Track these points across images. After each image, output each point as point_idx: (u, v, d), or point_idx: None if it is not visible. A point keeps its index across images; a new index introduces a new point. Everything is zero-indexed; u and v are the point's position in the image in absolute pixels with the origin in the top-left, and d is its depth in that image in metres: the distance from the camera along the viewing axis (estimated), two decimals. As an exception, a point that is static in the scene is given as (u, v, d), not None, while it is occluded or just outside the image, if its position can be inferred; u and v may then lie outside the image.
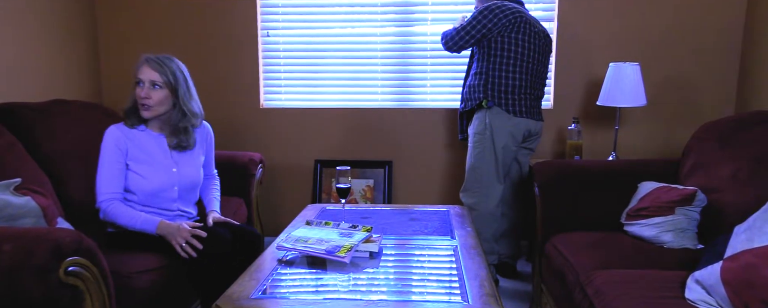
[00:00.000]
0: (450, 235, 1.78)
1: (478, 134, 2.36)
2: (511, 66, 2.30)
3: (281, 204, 2.98)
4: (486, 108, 2.33)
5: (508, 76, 2.31)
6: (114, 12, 2.86)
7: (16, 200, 1.30)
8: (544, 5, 2.78)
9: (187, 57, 2.89)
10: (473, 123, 2.39)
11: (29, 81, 2.36)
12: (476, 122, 2.37)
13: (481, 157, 2.36)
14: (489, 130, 2.33)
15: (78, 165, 2.02)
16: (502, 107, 2.31)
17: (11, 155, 1.72)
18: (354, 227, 1.68)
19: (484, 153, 2.36)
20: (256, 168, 2.49)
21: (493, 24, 2.27)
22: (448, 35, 2.37)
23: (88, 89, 2.79)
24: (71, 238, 1.19)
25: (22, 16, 2.32)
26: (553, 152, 2.87)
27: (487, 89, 2.32)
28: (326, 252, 1.47)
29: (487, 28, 2.27)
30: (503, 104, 2.31)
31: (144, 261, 1.57)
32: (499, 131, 2.33)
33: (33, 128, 1.94)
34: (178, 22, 2.86)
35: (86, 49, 2.79)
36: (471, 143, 2.40)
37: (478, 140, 2.36)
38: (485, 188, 2.38)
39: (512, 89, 2.32)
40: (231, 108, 2.92)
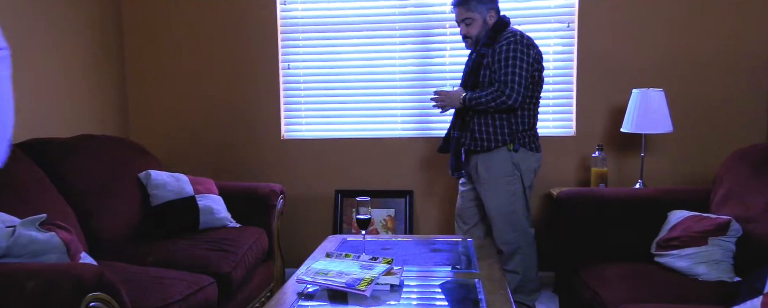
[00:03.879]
0: (473, 267, 1.74)
1: (506, 177, 2.18)
2: (534, 101, 2.20)
3: (302, 235, 2.97)
4: (512, 150, 2.19)
5: (531, 114, 2.21)
6: (141, 48, 2.96)
7: (41, 236, 1.32)
8: (564, 32, 2.77)
9: (211, 90, 2.96)
10: (491, 165, 2.19)
11: (57, 116, 2.44)
12: (498, 164, 2.18)
13: (514, 201, 2.20)
14: (517, 171, 2.19)
15: (104, 199, 2.06)
16: (527, 146, 2.19)
17: (38, 190, 1.76)
18: (374, 259, 1.65)
19: (516, 196, 2.21)
20: (276, 199, 2.50)
21: (533, 59, 2.12)
22: (492, 94, 2.09)
23: (114, 124, 2.87)
24: (93, 273, 1.20)
25: (50, 53, 2.41)
26: (577, 180, 2.81)
27: (514, 132, 2.16)
28: (346, 285, 1.45)
29: (531, 63, 2.11)
30: (527, 142, 2.19)
31: (163, 295, 1.56)
32: (526, 171, 2.20)
33: (60, 162, 1.99)
34: (202, 57, 2.93)
35: (114, 84, 2.88)
36: (494, 186, 2.20)
37: (508, 183, 2.19)
38: (523, 232, 2.25)
39: (533, 125, 2.23)
40: (252, 139, 2.96)
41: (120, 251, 1.96)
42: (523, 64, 2.08)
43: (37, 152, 1.95)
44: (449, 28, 2.82)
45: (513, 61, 2.07)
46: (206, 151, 2.98)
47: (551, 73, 2.81)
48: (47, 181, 1.85)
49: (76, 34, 2.56)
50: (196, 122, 2.97)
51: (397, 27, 2.85)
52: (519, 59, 2.07)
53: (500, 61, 2.10)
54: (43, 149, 1.98)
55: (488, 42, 2.16)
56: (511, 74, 2.07)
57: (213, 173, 2.93)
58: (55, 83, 2.42)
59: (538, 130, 2.81)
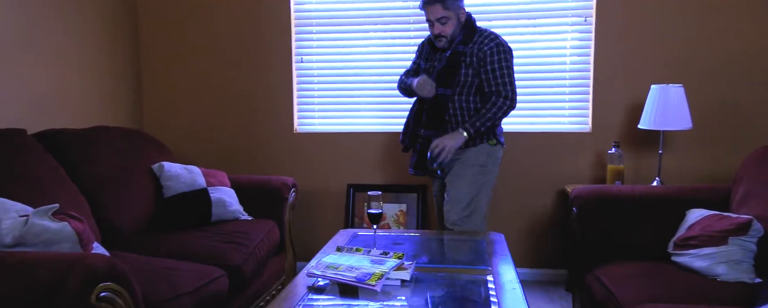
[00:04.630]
0: (485, 263, 1.71)
1: (480, 167, 2.22)
2: None
3: (314, 229, 2.97)
4: (492, 145, 2.24)
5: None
6: (156, 42, 2.97)
7: (53, 225, 1.32)
8: (582, 26, 2.72)
9: (225, 83, 2.97)
10: (467, 157, 2.21)
11: (73, 108, 2.46)
12: (474, 157, 2.21)
13: (483, 189, 2.23)
14: (491, 162, 2.25)
15: (117, 190, 2.07)
16: (499, 141, 2.28)
17: (53, 180, 1.77)
18: (385, 254, 1.64)
19: (486, 186, 2.24)
20: (288, 192, 2.50)
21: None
22: (497, 107, 2.15)
23: (129, 116, 2.89)
24: (104, 263, 1.20)
25: (67, 44, 2.43)
26: (592, 177, 2.76)
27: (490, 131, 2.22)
28: (356, 280, 1.44)
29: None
30: (501, 137, 2.29)
31: (174, 286, 1.56)
32: (496, 164, 2.28)
33: (75, 153, 2.01)
34: (217, 50, 2.94)
35: (129, 77, 2.89)
36: (464, 176, 2.21)
37: (480, 172, 2.22)
38: (479, 221, 2.25)
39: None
40: (265, 132, 2.96)
41: (132, 242, 1.97)
42: (512, 68, 2.18)
43: (53, 142, 1.97)
44: (464, 22, 2.78)
45: (507, 70, 2.16)
46: (219, 143, 2.99)
47: (567, 68, 2.76)
48: (62, 171, 1.87)
49: (92, 28, 2.58)
50: (209, 114, 2.98)
51: (412, 21, 2.83)
52: (510, 64, 2.17)
53: (495, 70, 2.15)
54: (58, 140, 1.99)
55: (464, 40, 2.16)
56: (510, 84, 2.16)
57: (226, 166, 2.94)
58: (70, 75, 2.44)
59: (553, 125, 2.80)
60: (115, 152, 2.18)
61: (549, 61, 2.77)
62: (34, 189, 1.66)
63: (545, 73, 2.78)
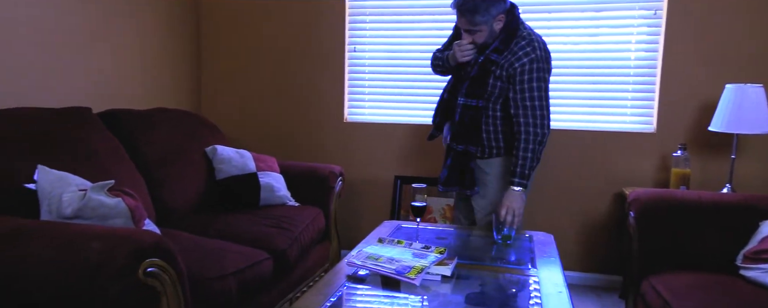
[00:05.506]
0: (531, 264, 1.65)
1: (505, 177, 2.02)
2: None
3: (359, 218, 2.97)
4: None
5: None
6: (215, 30, 3.06)
7: (109, 201, 1.38)
8: (650, 20, 2.55)
9: (278, 70, 3.01)
10: (493, 168, 2.05)
11: (136, 89, 2.57)
12: (501, 166, 2.04)
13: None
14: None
15: (172, 170, 2.15)
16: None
17: (113, 158, 1.86)
18: (427, 248, 1.61)
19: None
20: (335, 181, 2.51)
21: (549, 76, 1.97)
22: (532, 146, 1.92)
23: (188, 99, 2.99)
24: (151, 239, 1.24)
25: (134, 32, 2.54)
26: (655, 180, 2.60)
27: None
28: (396, 272, 1.42)
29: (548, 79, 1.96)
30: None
31: (220, 266, 1.60)
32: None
33: (135, 133, 2.10)
34: (272, 38, 2.98)
35: (189, 62, 3.00)
36: (492, 186, 2.05)
37: (506, 184, 2.00)
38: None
39: None
40: (315, 120, 2.99)
41: (184, 220, 2.04)
42: (546, 90, 1.93)
43: (115, 121, 2.06)
44: (522, 14, 2.67)
45: (538, 91, 1.90)
46: (271, 129, 3.05)
47: (632, 64, 2.61)
48: (122, 150, 1.96)
49: (157, 18, 2.68)
50: (262, 100, 3.04)
51: (468, 11, 2.75)
52: (542, 85, 1.91)
53: (523, 91, 1.90)
54: (120, 119, 2.09)
55: (499, 48, 1.92)
56: (539, 108, 1.91)
57: (276, 152, 3.00)
58: (136, 60, 2.55)
59: (614, 124, 2.65)
60: (172, 134, 2.26)
61: (612, 56, 2.62)
62: (95, 165, 1.74)
63: (607, 69, 2.63)
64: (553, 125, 2.68)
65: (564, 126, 2.70)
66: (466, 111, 1.97)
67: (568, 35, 2.66)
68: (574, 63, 2.66)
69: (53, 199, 1.39)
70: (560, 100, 2.70)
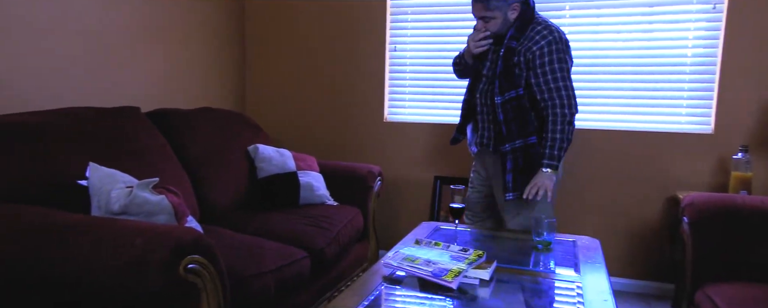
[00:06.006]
0: (575, 269, 1.58)
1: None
2: None
3: (398, 218, 2.96)
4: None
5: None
6: (260, 31, 3.11)
7: (153, 198, 1.43)
8: (710, 14, 2.41)
9: (320, 71, 3.04)
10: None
11: (184, 90, 2.66)
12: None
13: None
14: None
15: (215, 169, 2.20)
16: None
17: (160, 156, 1.92)
18: (465, 250, 1.57)
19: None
20: (374, 180, 2.50)
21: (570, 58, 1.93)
22: (561, 127, 1.89)
23: (233, 99, 3.06)
24: (192, 237, 1.26)
25: (181, 34, 2.62)
26: (712, 184, 2.45)
27: (537, 128, 1.96)
28: (432, 275, 1.39)
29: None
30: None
31: (258, 263, 1.62)
32: None
33: (181, 132, 2.16)
34: (315, 39, 3.01)
35: (235, 62, 3.07)
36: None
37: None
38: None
39: None
40: (355, 120, 2.99)
41: (226, 218, 2.08)
42: (568, 69, 1.90)
43: (162, 120, 2.13)
44: (569, 10, 2.59)
45: (560, 72, 1.88)
46: (311, 128, 3.08)
47: (688, 62, 2.47)
48: (168, 148, 2.02)
49: (204, 20, 2.76)
50: (304, 100, 3.08)
51: (511, 8, 2.68)
52: (564, 65, 1.88)
53: (545, 73, 1.88)
54: (166, 119, 2.16)
55: (516, 35, 1.91)
56: (564, 89, 1.88)
57: (316, 151, 3.03)
58: (183, 60, 2.63)
59: (667, 125, 2.52)
60: (216, 133, 2.31)
61: (667, 53, 2.49)
62: (142, 163, 1.81)
63: (661, 67, 2.50)
64: (602, 126, 2.59)
65: (613, 127, 2.59)
66: (507, 105, 1.92)
67: (618, 32, 2.54)
68: (626, 61, 2.55)
69: (102, 195, 1.44)
70: (610, 99, 2.59)
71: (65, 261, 1.22)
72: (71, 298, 1.25)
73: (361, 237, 2.43)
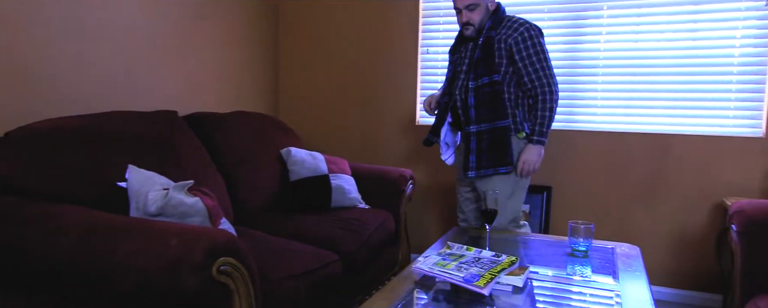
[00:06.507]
0: (613, 277, 1.52)
1: (512, 165, 2.09)
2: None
3: (430, 222, 2.93)
4: (521, 138, 2.10)
5: (529, 103, 2.13)
6: (293, 35, 3.16)
7: (188, 200, 1.46)
8: (759, 12, 2.29)
9: (351, 74, 3.05)
10: (513, 152, 2.08)
11: (218, 93, 2.71)
12: (514, 151, 2.09)
13: (518, 187, 2.12)
14: (516, 158, 2.11)
15: (248, 171, 2.23)
16: (527, 132, 2.11)
17: (195, 159, 1.96)
18: (498, 256, 1.54)
19: (520, 183, 2.13)
20: (406, 184, 2.49)
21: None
22: (546, 105, 2.04)
23: (266, 104, 3.11)
24: (225, 239, 1.28)
25: (217, 39, 2.68)
26: (763, 190, 2.33)
27: (522, 120, 2.09)
28: (464, 281, 1.37)
29: None
30: (527, 128, 2.12)
31: (289, 266, 1.63)
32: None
33: (216, 135, 2.20)
34: (346, 44, 3.03)
35: (268, 67, 3.12)
36: (501, 175, 2.09)
37: (510, 170, 2.09)
38: (515, 220, 2.16)
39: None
40: (387, 123, 2.99)
41: (259, 220, 2.11)
42: (546, 53, 2.05)
43: (198, 124, 2.18)
44: (607, 10, 2.51)
45: (538, 56, 2.02)
46: (343, 131, 3.09)
47: (736, 62, 2.36)
48: (204, 151, 2.06)
49: (239, 25, 2.82)
50: (336, 103, 3.09)
51: (546, 10, 2.63)
52: (542, 50, 2.03)
53: (525, 59, 2.02)
54: (202, 122, 2.21)
55: (493, 26, 2.06)
56: (546, 76, 2.03)
57: (348, 154, 3.04)
58: (218, 65, 2.69)
59: (714, 128, 2.41)
60: (249, 136, 2.35)
61: (713, 53, 2.38)
62: (179, 165, 1.85)
63: (707, 68, 2.40)
64: (643, 129, 2.51)
65: (655, 130, 2.50)
66: (482, 90, 2.04)
67: (661, 32, 2.45)
68: (669, 62, 2.45)
69: (140, 197, 1.48)
70: (652, 101, 2.50)
71: (104, 260, 1.26)
72: (110, 296, 1.29)
73: (392, 241, 2.41)
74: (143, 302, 1.26)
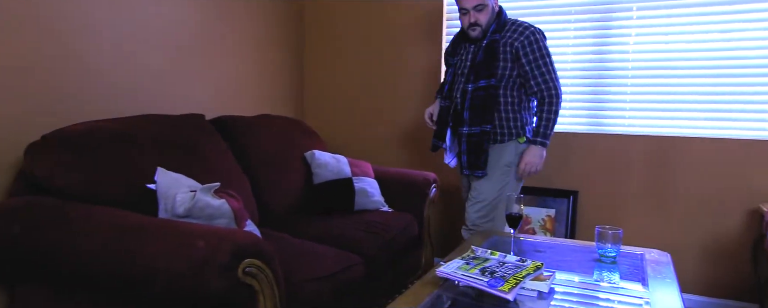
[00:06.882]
0: (642, 283, 1.49)
1: (505, 166, 2.12)
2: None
3: (453, 226, 2.91)
4: (521, 142, 2.13)
5: (532, 106, 2.15)
6: (318, 40, 3.19)
7: (215, 202, 1.48)
8: (795, 10, 2.21)
9: (374, 78, 3.06)
10: (493, 154, 2.11)
11: (245, 97, 2.75)
12: (504, 155, 2.12)
13: (503, 191, 2.13)
14: (513, 163, 2.13)
15: (273, 174, 2.26)
16: (529, 137, 2.14)
17: (222, 161, 2.00)
18: (523, 261, 1.52)
19: (508, 187, 2.14)
20: (429, 188, 2.48)
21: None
22: (550, 108, 2.06)
23: (291, 107, 3.15)
24: (251, 241, 1.30)
25: (242, 43, 2.73)
26: (801, 195, 2.24)
27: (523, 124, 2.11)
28: (488, 285, 1.35)
29: None
30: (529, 133, 2.14)
31: (313, 268, 1.64)
32: (516, 164, 2.15)
33: (242, 138, 2.24)
34: (370, 49, 3.04)
35: (293, 71, 3.15)
36: (491, 175, 2.12)
37: (505, 173, 2.13)
38: (498, 223, 2.16)
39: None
40: (410, 126, 2.99)
41: (283, 222, 2.13)
42: (549, 58, 2.06)
43: (224, 127, 2.22)
44: (637, 11, 2.46)
45: (544, 60, 2.03)
46: (367, 135, 3.10)
47: (772, 62, 2.28)
48: (230, 154, 2.10)
49: (264, 29, 2.86)
50: (360, 107, 3.11)
51: (573, 12, 2.59)
52: (546, 54, 2.04)
53: (531, 62, 2.03)
54: (229, 125, 2.24)
55: (498, 29, 2.07)
56: (551, 80, 2.04)
57: (371, 157, 3.05)
58: (244, 70, 2.74)
59: (749, 131, 2.34)
60: (274, 139, 2.38)
61: (747, 53, 2.31)
62: (206, 168, 1.88)
63: (741, 69, 2.33)
64: (675, 133, 2.45)
65: (688, 133, 2.44)
66: (476, 93, 2.06)
67: (692, 33, 2.39)
68: (701, 63, 2.39)
69: (169, 199, 1.52)
70: (685, 104, 2.44)
71: (133, 260, 1.29)
72: (137, 296, 1.32)
73: (415, 245, 2.41)
74: (171, 303, 1.29)
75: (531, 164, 2.07)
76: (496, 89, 2.05)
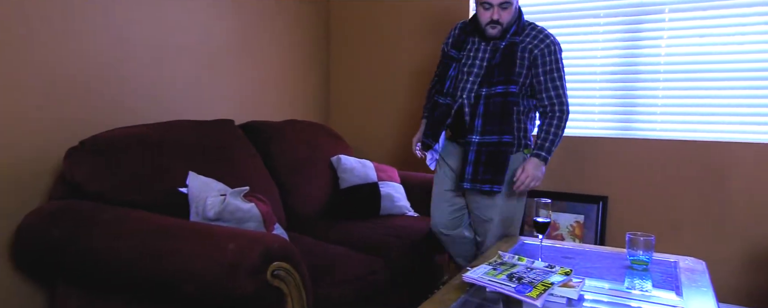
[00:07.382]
0: (676, 292, 1.45)
1: (511, 181, 1.96)
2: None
3: (480, 232, 2.89)
4: (526, 153, 2.00)
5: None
6: (343, 46, 3.22)
7: (244, 205, 1.51)
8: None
9: (399, 83, 3.07)
10: (511, 167, 1.96)
11: (273, 103, 2.80)
12: (517, 166, 1.96)
13: (518, 203, 2.05)
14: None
15: (300, 178, 2.29)
16: (531, 147, 2.01)
17: (251, 166, 2.03)
18: (551, 267, 1.50)
19: (520, 198, 2.05)
20: (455, 193, 2.47)
21: None
22: (557, 123, 1.94)
23: (317, 111, 3.18)
24: (279, 244, 1.32)
25: (270, 50, 2.78)
26: None
27: (528, 136, 2.00)
28: (515, 291, 1.34)
29: None
30: (531, 144, 2.02)
31: (338, 272, 1.66)
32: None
33: (270, 143, 2.27)
34: (395, 52, 3.05)
35: (320, 76, 3.19)
36: (510, 190, 1.97)
37: (509, 185, 1.97)
38: (516, 232, 2.09)
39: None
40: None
41: (310, 226, 2.16)
42: (564, 71, 1.97)
43: (253, 132, 2.26)
44: (669, 13, 2.41)
45: (558, 72, 1.93)
46: (392, 140, 3.11)
47: (813, 64, 2.19)
48: (258, 158, 2.13)
49: (290, 36, 2.90)
50: (385, 112, 3.12)
51: (602, 14, 2.55)
52: (561, 67, 1.95)
53: (552, 72, 1.92)
54: (257, 130, 2.28)
55: (517, 31, 1.93)
56: (564, 95, 1.94)
57: (396, 162, 3.05)
58: (272, 76, 2.78)
59: (786, 135, 2.26)
60: (302, 144, 2.41)
61: (785, 55, 2.24)
62: (235, 172, 1.92)
63: (778, 70, 2.25)
64: (711, 137, 2.39)
65: (722, 138, 2.37)
66: (493, 99, 1.90)
67: (728, 35, 2.33)
68: (737, 66, 2.32)
69: (199, 202, 1.55)
70: (720, 108, 2.37)
71: (166, 262, 1.32)
72: (168, 297, 1.35)
73: (441, 250, 2.39)
74: (200, 305, 1.32)
75: (532, 176, 1.89)
76: (515, 96, 1.89)
